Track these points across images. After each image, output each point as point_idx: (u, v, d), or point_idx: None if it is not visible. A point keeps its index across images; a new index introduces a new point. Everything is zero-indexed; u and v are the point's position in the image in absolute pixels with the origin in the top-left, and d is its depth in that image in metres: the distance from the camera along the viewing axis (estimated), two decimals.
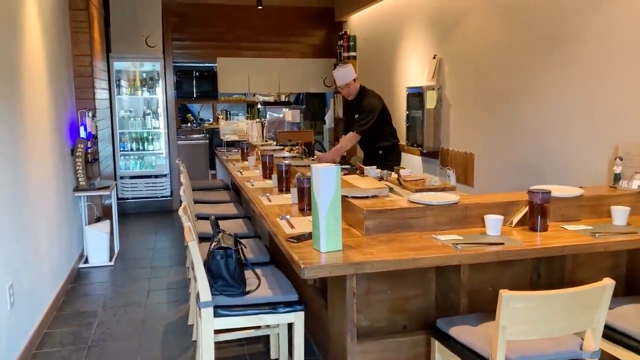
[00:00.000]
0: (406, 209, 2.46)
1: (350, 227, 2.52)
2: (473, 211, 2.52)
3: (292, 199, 3.08)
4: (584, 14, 3.20)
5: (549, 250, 2.21)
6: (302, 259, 2.03)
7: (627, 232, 2.35)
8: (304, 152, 4.77)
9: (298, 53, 8.19)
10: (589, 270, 2.65)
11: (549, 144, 3.58)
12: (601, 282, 1.79)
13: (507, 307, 1.70)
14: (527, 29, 3.77)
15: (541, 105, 3.64)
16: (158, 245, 5.62)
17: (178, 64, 7.79)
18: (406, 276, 2.49)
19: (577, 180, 3.16)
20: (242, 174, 4.27)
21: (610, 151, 2.97)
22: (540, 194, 2.39)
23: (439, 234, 2.39)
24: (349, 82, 4.59)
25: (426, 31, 5.36)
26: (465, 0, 4.59)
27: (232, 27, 7.88)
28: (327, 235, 2.11)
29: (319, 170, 2.10)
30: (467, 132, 4.69)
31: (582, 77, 3.25)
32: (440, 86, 5.05)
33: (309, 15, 8.14)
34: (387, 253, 2.13)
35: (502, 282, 2.52)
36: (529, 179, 3.55)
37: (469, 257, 2.14)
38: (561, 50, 3.42)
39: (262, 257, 2.98)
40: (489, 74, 4.27)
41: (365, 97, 4.63)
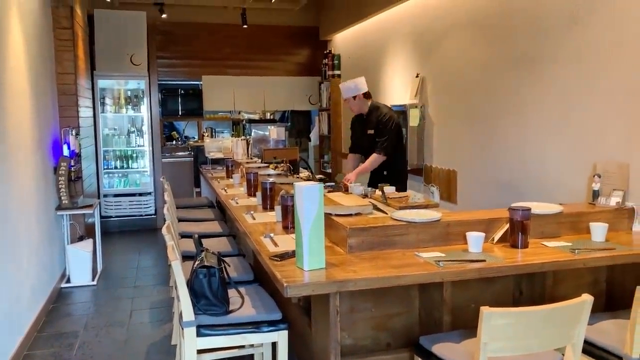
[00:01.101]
0: (389, 227, 2.48)
1: (334, 245, 2.53)
2: (455, 228, 2.54)
3: (276, 217, 3.08)
4: (560, 34, 3.29)
5: (529, 267, 2.24)
6: (285, 278, 2.03)
7: (605, 248, 2.39)
8: (289, 169, 4.79)
9: (283, 71, 8.26)
10: (570, 286, 2.68)
11: (529, 162, 3.64)
12: (580, 298, 1.81)
13: (488, 323, 1.71)
14: (506, 48, 3.86)
15: (521, 123, 3.71)
16: (142, 264, 5.56)
17: (163, 82, 7.80)
18: (390, 293, 2.49)
19: (558, 197, 3.21)
20: (227, 192, 4.27)
21: (589, 169, 3.03)
22: (521, 211, 2.43)
23: (421, 251, 2.40)
24: (347, 98, 4.46)
25: (409, 50, 5.45)
26: (446, 21, 4.69)
27: (217, 45, 7.94)
28: (310, 253, 2.12)
29: (302, 188, 2.11)
30: (449, 149, 4.75)
31: (560, 96, 3.32)
32: (423, 104, 5.12)
33: (293, 34, 8.23)
34: (370, 271, 2.14)
35: (484, 298, 2.54)
36: (510, 196, 3.59)
37: (451, 275, 2.15)
38: (539, 69, 3.50)
39: (246, 276, 2.97)
40: (471, 92, 4.35)
41: (374, 112, 4.39)
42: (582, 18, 3.11)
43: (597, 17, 3.00)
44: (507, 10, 3.84)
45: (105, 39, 6.98)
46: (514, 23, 3.77)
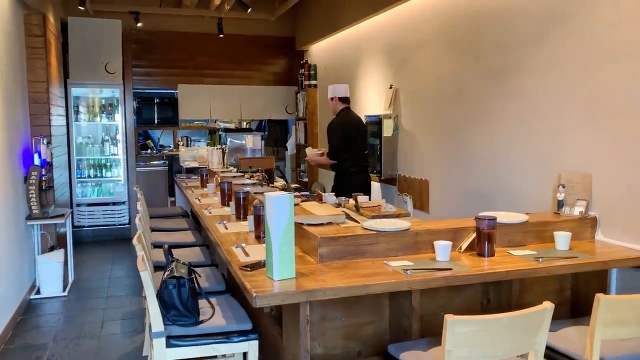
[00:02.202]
0: (359, 236, 2.51)
1: (305, 254, 2.55)
2: (424, 237, 2.59)
3: (249, 227, 3.09)
4: (527, 48, 3.38)
5: (494, 275, 2.29)
6: (254, 288, 2.04)
7: (568, 257, 2.46)
8: (264, 178, 4.80)
9: (260, 80, 8.29)
10: (536, 293, 2.74)
11: (498, 171, 3.72)
12: (541, 306, 1.86)
13: (452, 331, 1.75)
14: (475, 61, 3.95)
15: (490, 134, 3.79)
16: (114, 275, 5.49)
17: (138, 91, 7.76)
18: (361, 302, 2.52)
19: (526, 206, 3.29)
20: (201, 201, 4.26)
21: (555, 179, 3.11)
22: (487, 220, 2.48)
23: (391, 260, 2.44)
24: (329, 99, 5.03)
25: (383, 62, 5.52)
26: (418, 34, 4.77)
27: (193, 54, 7.94)
28: (280, 263, 2.14)
29: (272, 198, 2.13)
30: (422, 159, 4.82)
31: (527, 108, 3.41)
32: (396, 115, 5.19)
33: (270, 44, 8.27)
34: (340, 280, 2.16)
35: (453, 306, 2.59)
36: (480, 205, 3.67)
37: (418, 283, 2.19)
38: (507, 82, 3.59)
39: (218, 286, 2.97)
40: (442, 103, 4.43)
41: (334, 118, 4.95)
42: (547, 33, 3.21)
43: (561, 33, 3.10)
44: (475, 25, 3.94)
45: (80, 46, 6.92)
46: (482, 37, 3.86)
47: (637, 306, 1.98)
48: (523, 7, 3.42)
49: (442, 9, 4.38)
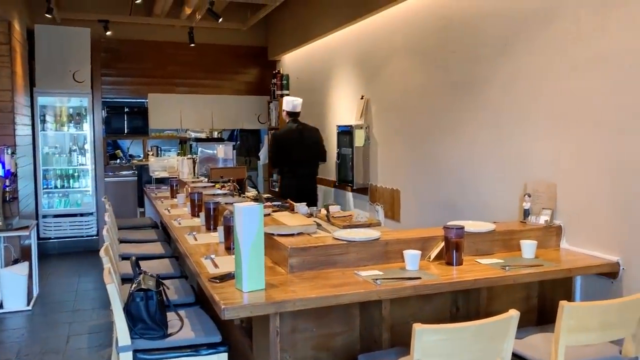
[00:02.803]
0: (330, 246, 2.52)
1: (276, 265, 2.54)
2: (394, 247, 2.61)
3: (219, 238, 3.07)
4: (493, 61, 3.46)
5: (461, 283, 2.32)
6: (223, 300, 2.02)
7: (534, 265, 2.50)
8: (236, 189, 4.77)
9: (232, 90, 8.26)
10: (504, 301, 2.78)
11: (467, 181, 3.77)
12: (507, 314, 1.89)
13: (420, 340, 1.76)
14: (444, 73, 4.01)
15: (459, 145, 3.85)
16: (81, 288, 5.37)
17: (108, 100, 7.65)
18: (331, 313, 2.52)
19: (494, 215, 3.34)
20: (170, 212, 4.21)
21: (521, 188, 3.17)
22: (455, 229, 2.52)
23: (361, 269, 2.45)
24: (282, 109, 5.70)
25: (354, 72, 5.57)
26: (388, 45, 4.83)
27: (163, 63, 7.87)
28: (250, 274, 2.12)
29: (241, 209, 2.12)
30: (393, 169, 4.86)
31: (493, 120, 3.48)
32: (368, 125, 5.23)
33: (242, 53, 8.26)
34: (309, 290, 2.16)
35: (423, 315, 2.60)
36: (450, 214, 3.72)
37: (388, 292, 2.20)
38: (474, 94, 3.66)
39: (187, 298, 2.93)
40: (412, 114, 4.48)
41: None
42: (512, 46, 3.29)
43: (525, 46, 3.18)
44: (443, 38, 4.01)
45: (47, 55, 6.79)
46: (450, 49, 3.93)
47: (600, 313, 2.03)
48: (489, 20, 3.50)
49: (411, 21, 4.45)
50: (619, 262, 2.60)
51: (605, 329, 2.06)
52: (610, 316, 2.05)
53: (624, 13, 2.57)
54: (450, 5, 3.93)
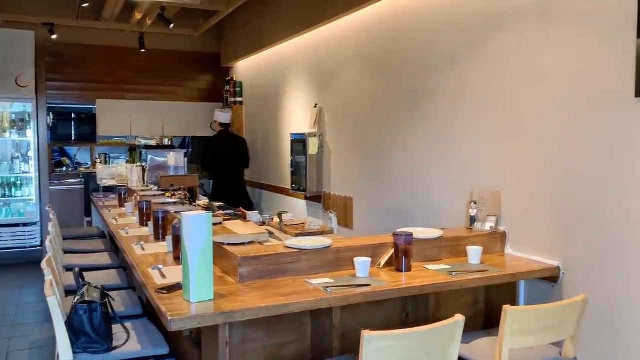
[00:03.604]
0: (281, 255, 2.51)
1: (226, 275, 2.51)
2: (345, 254, 2.62)
3: (168, 248, 3.00)
4: (441, 72, 3.55)
5: (410, 289, 2.36)
6: (170, 311, 1.98)
7: (480, 271, 2.57)
8: (186, 197, 4.69)
9: (184, 96, 8.14)
10: (452, 306, 2.84)
11: (417, 189, 3.85)
12: (453, 319, 1.93)
13: (369, 347, 1.77)
14: (394, 83, 4.09)
15: (409, 153, 3.93)
16: (23, 300, 5.13)
17: (53, 106, 7.38)
18: (282, 322, 2.50)
19: (443, 222, 3.42)
20: (118, 221, 4.09)
21: (468, 196, 3.26)
22: (404, 236, 2.56)
23: (312, 277, 2.45)
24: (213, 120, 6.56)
25: (308, 81, 5.60)
26: (341, 54, 4.89)
27: (113, 68, 7.68)
28: (198, 284, 2.09)
29: (189, 218, 2.09)
30: (346, 177, 4.90)
31: (442, 128, 3.56)
32: (321, 133, 5.26)
33: (195, 59, 8.16)
34: (259, 300, 2.14)
35: (373, 322, 2.63)
36: (401, 221, 3.78)
37: (337, 300, 2.21)
38: (424, 104, 3.75)
39: (134, 310, 2.85)
40: (364, 123, 4.54)
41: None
42: (459, 58, 3.39)
43: (471, 59, 3.28)
44: (393, 49, 4.09)
45: None
46: (399, 60, 4.01)
47: (541, 316, 2.11)
48: (438, 32, 3.59)
49: (363, 30, 4.52)
50: (559, 266, 2.70)
51: (547, 332, 2.14)
52: (550, 319, 2.13)
53: (562, 30, 2.69)
54: (399, 16, 4.02)
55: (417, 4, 3.82)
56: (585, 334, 2.49)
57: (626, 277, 2.40)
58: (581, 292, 2.35)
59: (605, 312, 2.49)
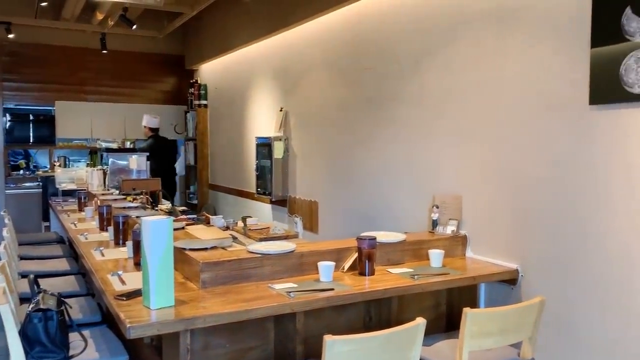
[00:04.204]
0: (244, 260, 2.49)
1: (187, 281, 2.47)
2: (309, 259, 2.62)
3: (128, 253, 2.94)
4: (404, 78, 3.59)
5: (372, 293, 2.38)
6: (129, 318, 1.94)
7: (441, 274, 2.61)
8: (148, 201, 4.61)
9: (147, 99, 8.01)
10: (414, 309, 2.87)
11: (381, 193, 3.88)
12: (414, 322, 1.95)
13: (332, 351, 1.78)
14: (358, 88, 4.12)
15: (374, 159, 3.96)
16: None
17: (10, 107, 7.15)
18: (245, 327, 2.48)
19: (406, 226, 3.45)
20: (77, 226, 3.99)
21: (430, 200, 3.31)
22: (367, 240, 2.57)
23: (275, 282, 2.44)
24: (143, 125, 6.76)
25: (273, 84, 5.59)
26: (307, 59, 4.90)
27: (73, 69, 7.50)
28: (158, 291, 2.05)
29: (149, 223, 2.05)
30: (311, 181, 4.91)
31: (405, 134, 3.61)
32: (287, 137, 5.26)
33: (158, 61, 8.05)
34: (221, 306, 2.12)
35: (337, 326, 2.63)
36: (365, 225, 3.80)
37: (300, 305, 2.21)
38: (387, 109, 3.79)
39: (93, 317, 2.78)
40: (329, 127, 4.56)
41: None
42: (420, 65, 3.44)
43: (431, 65, 3.34)
44: (357, 53, 4.12)
45: None
46: (363, 66, 4.04)
47: (499, 318, 2.15)
48: (400, 38, 3.64)
49: (327, 36, 4.54)
50: (518, 269, 2.77)
51: (505, 333, 2.18)
52: (509, 321, 2.18)
53: (520, 39, 2.77)
54: (362, 22, 4.05)
55: (381, 11, 3.86)
56: (543, 335, 2.56)
57: (582, 279, 2.48)
58: (539, 294, 2.42)
59: (561, 314, 2.56)
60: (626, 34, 2.25)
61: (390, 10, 3.76)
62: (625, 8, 2.25)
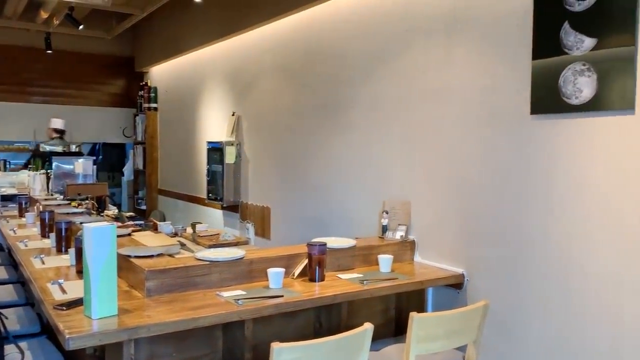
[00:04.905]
0: (191, 267, 2.44)
1: (132, 289, 2.40)
2: (258, 265, 2.60)
3: (71, 261, 2.84)
4: (356, 85, 3.63)
5: (322, 299, 2.38)
6: (68, 328, 1.86)
7: (390, 279, 2.64)
8: (94, 207, 4.46)
9: (94, 101, 7.78)
10: (364, 315, 2.89)
11: (334, 200, 3.90)
12: (362, 327, 1.96)
13: (279, 359, 1.76)
14: (311, 94, 4.13)
15: (326, 164, 3.98)
16: None
17: None
18: (193, 336, 2.43)
19: (359, 231, 3.48)
20: (16, 233, 3.81)
21: (381, 205, 3.35)
22: (318, 246, 2.58)
23: (224, 290, 2.40)
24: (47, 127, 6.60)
25: (226, 89, 5.53)
26: (259, 64, 4.88)
27: (15, 69, 7.19)
28: (100, 300, 1.98)
29: (91, 229, 1.98)
30: (264, 186, 4.88)
31: (357, 140, 3.64)
32: (239, 142, 5.21)
33: (107, 63, 7.84)
34: (167, 315, 2.07)
35: (287, 333, 2.61)
36: (318, 231, 3.80)
37: (249, 312, 2.19)
38: (340, 116, 3.81)
39: (32, 328, 2.66)
40: (282, 133, 4.55)
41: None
42: (372, 73, 3.48)
43: (383, 73, 3.39)
44: (309, 60, 4.14)
45: None
46: (316, 72, 4.06)
47: (445, 322, 2.19)
48: (353, 45, 3.68)
49: (279, 41, 4.54)
50: (463, 273, 2.84)
51: (451, 337, 2.23)
52: (454, 325, 2.23)
53: (465, 50, 2.84)
54: (316, 28, 4.07)
55: (333, 17, 3.89)
56: (487, 338, 2.63)
57: (524, 283, 2.56)
58: (484, 297, 2.48)
59: (505, 316, 2.64)
60: (564, 48, 2.35)
61: (342, 17, 3.80)
62: (564, 23, 2.35)
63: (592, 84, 2.25)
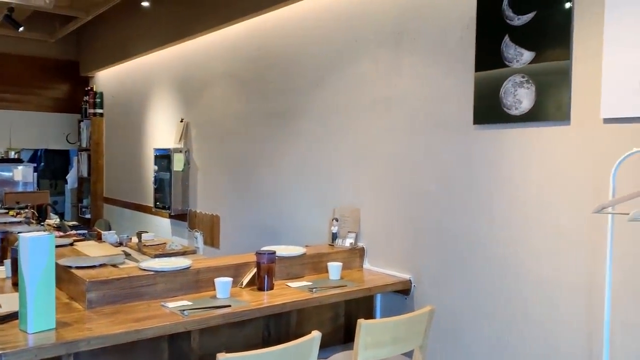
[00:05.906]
0: (135, 278, 2.37)
1: (72, 301, 2.31)
2: (205, 275, 2.56)
3: (6, 273, 2.70)
4: (307, 94, 3.65)
5: (270, 308, 2.36)
6: (2, 344, 1.77)
7: (339, 286, 2.65)
8: (34, 216, 4.28)
9: (36, 106, 7.48)
10: (313, 322, 2.89)
11: (285, 207, 3.89)
12: (310, 335, 1.96)
13: None
14: (262, 102, 4.12)
15: (276, 172, 3.96)
16: None
17: None
18: (137, 348, 2.36)
19: (308, 239, 3.48)
20: None
21: (331, 213, 3.36)
22: (266, 254, 2.56)
23: (169, 301, 2.35)
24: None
25: (174, 95, 5.43)
26: (209, 70, 4.82)
27: None
28: (36, 313, 1.90)
29: (27, 239, 1.90)
30: (213, 195, 4.81)
31: (307, 149, 3.65)
32: (187, 149, 5.12)
33: (50, 66, 7.56)
34: (109, 327, 2.00)
35: (235, 342, 2.58)
36: (268, 239, 3.78)
37: (195, 323, 2.14)
38: (290, 124, 3.81)
39: None
40: (231, 140, 4.50)
41: None
42: (322, 83, 3.51)
43: (333, 84, 3.42)
44: (260, 68, 4.12)
45: None
46: (267, 81, 4.05)
47: (391, 328, 2.22)
48: (304, 54, 3.69)
49: (230, 48, 4.50)
50: (410, 280, 2.88)
51: (398, 343, 2.25)
52: (401, 330, 2.25)
53: (414, 60, 2.91)
54: (266, 37, 4.07)
55: (283, 26, 3.90)
56: (433, 343, 2.68)
57: (469, 288, 2.63)
58: (430, 303, 2.53)
59: (451, 322, 2.70)
60: (505, 60, 2.44)
61: (293, 25, 3.81)
62: (505, 36, 2.44)
63: (531, 96, 2.35)
